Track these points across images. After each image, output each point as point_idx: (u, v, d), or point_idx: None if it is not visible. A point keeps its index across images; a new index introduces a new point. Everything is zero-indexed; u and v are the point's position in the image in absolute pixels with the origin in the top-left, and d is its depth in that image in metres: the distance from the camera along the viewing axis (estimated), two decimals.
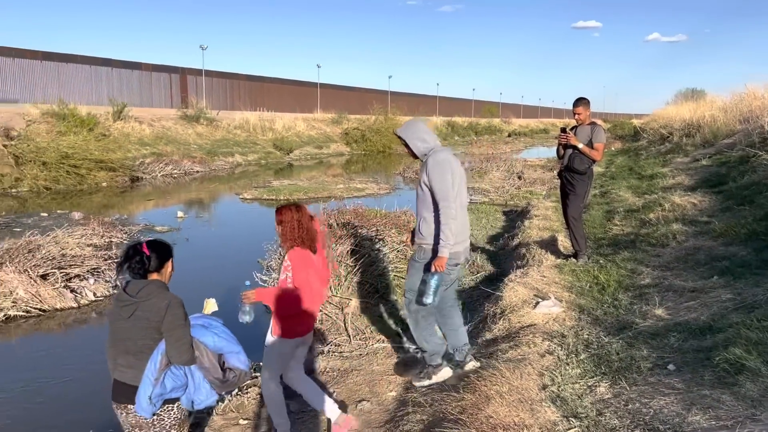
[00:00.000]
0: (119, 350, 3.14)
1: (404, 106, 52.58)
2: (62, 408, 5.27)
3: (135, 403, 3.07)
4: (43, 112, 23.32)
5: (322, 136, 40.85)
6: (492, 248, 9.86)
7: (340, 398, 4.99)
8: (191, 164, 25.59)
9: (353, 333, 6.34)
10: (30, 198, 17.33)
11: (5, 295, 7.40)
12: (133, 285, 3.19)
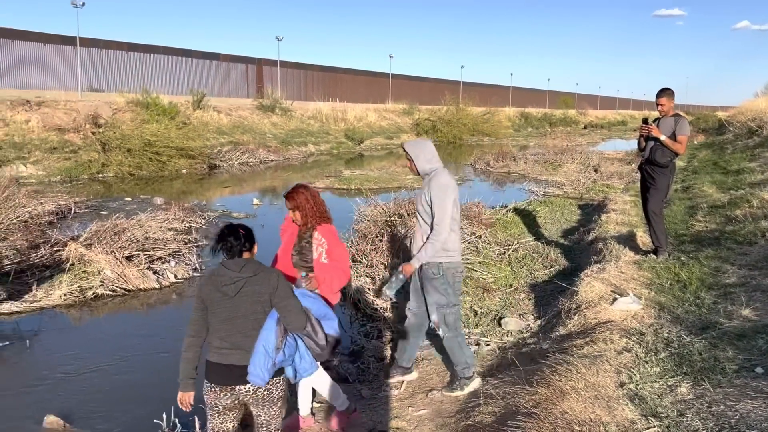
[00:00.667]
0: (228, 331, 3.19)
1: (476, 97, 51.96)
2: (145, 383, 5.53)
3: (246, 379, 3.17)
4: (128, 100, 24.37)
5: (393, 127, 40.95)
6: (566, 242, 9.65)
7: (410, 387, 5.02)
8: (266, 153, 26.18)
9: None
10: (115, 183, 18.18)
11: (94, 274, 7.81)
12: (232, 263, 3.24)
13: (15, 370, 5.74)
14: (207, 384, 3.27)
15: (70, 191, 14.97)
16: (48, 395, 5.20)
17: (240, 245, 3.27)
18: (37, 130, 19.97)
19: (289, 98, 38.09)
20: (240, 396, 3.25)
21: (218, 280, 3.21)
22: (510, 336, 5.94)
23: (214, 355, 3.22)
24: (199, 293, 3.27)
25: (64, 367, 5.76)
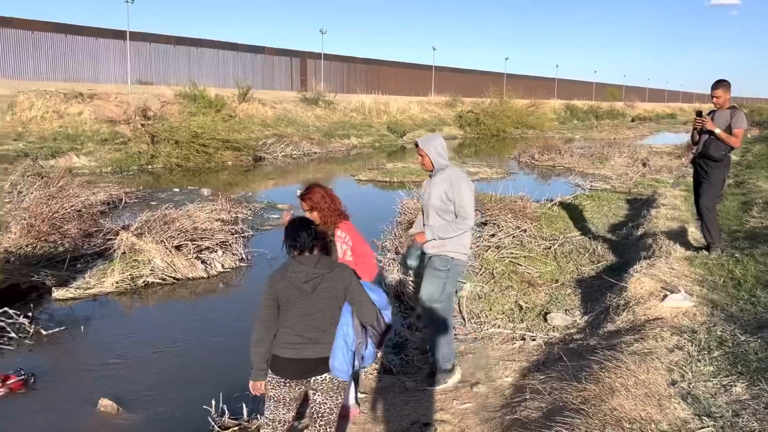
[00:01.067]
0: (304, 326, 3.22)
1: (521, 89, 51.29)
2: (194, 369, 5.65)
3: (319, 370, 3.24)
4: (176, 93, 24.84)
5: (436, 119, 40.76)
6: (614, 237, 9.47)
7: (455, 380, 5.00)
8: (310, 145, 26.39)
9: (468, 316, 6.32)
10: (163, 174, 18.58)
11: (144, 263, 8.01)
12: (307, 259, 3.25)
13: (70, 355, 5.93)
14: (275, 378, 3.29)
15: (121, 182, 15.38)
16: (101, 379, 5.37)
17: (312, 240, 3.30)
18: (89, 122, 20.54)
19: (332, 91, 38.23)
20: (311, 386, 3.31)
21: (294, 277, 3.21)
22: (556, 331, 5.87)
23: (288, 350, 3.23)
24: (270, 290, 3.24)
25: (116, 353, 5.93)
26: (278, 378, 3.29)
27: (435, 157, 4.68)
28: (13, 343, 6.02)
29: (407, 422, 4.37)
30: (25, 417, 4.71)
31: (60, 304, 7.18)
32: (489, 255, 7.83)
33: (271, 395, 3.33)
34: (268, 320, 3.25)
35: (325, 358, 3.25)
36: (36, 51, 30.43)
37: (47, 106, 20.37)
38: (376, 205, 14.11)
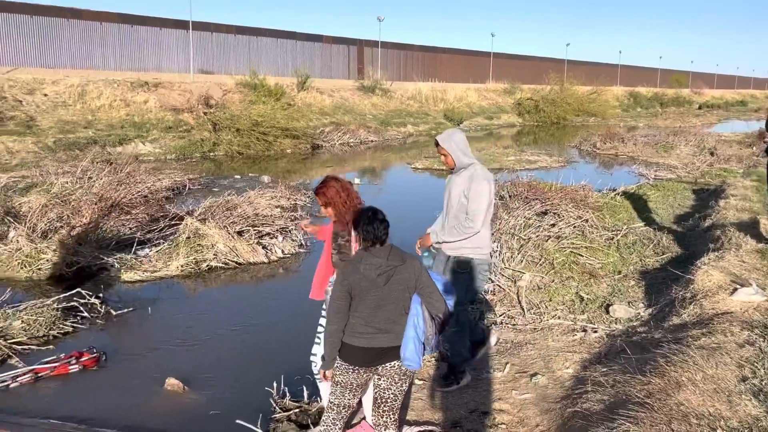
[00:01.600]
0: (375, 317, 3.27)
1: (582, 75, 50.03)
2: (255, 351, 5.79)
3: (388, 358, 3.31)
4: (237, 82, 25.31)
5: (494, 107, 40.25)
6: (680, 228, 9.17)
7: (513, 370, 4.97)
8: (366, 134, 26.49)
9: (527, 307, 6.25)
10: (225, 161, 19.00)
11: (208, 247, 8.24)
12: (379, 251, 3.29)
13: (138, 335, 6.17)
14: (344, 365, 3.35)
15: (184, 168, 15.81)
16: (168, 359, 5.56)
17: (385, 231, 3.31)
18: (154, 111, 21.17)
19: (389, 79, 38.25)
20: (377, 372, 3.37)
21: (367, 269, 3.24)
22: (618, 324, 5.74)
23: (359, 339, 3.28)
24: (343, 281, 3.27)
25: (181, 334, 6.13)
26: (346, 365, 3.35)
27: (457, 155, 4.47)
28: (86, 322, 6.30)
29: (465, 410, 4.37)
30: (98, 393, 4.94)
31: (128, 286, 7.46)
32: (549, 245, 7.71)
33: (338, 381, 3.39)
34: (342, 311, 3.28)
35: (395, 347, 3.30)
36: (103, 41, 31.47)
37: (115, 94, 21.10)
38: (431, 193, 14.07)
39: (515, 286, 6.75)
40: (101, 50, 31.58)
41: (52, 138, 17.25)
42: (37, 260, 7.60)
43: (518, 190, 10.21)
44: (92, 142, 17.39)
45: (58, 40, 28.77)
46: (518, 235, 8.00)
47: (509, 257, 7.41)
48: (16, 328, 5.86)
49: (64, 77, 21.48)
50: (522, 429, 4.11)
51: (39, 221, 8.33)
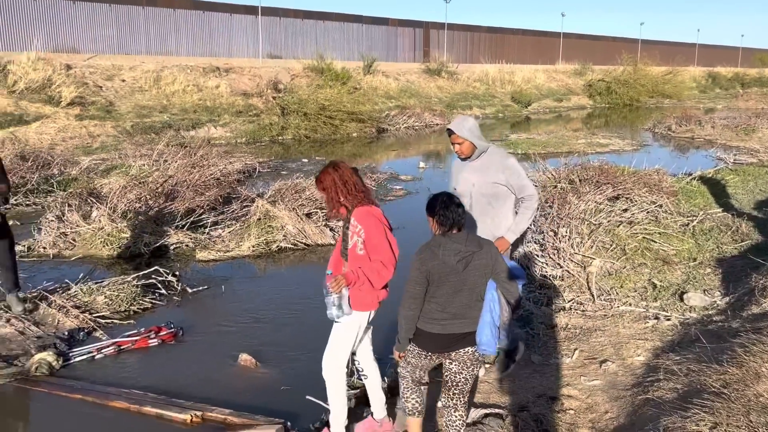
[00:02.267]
0: (452, 303, 3.27)
1: (657, 56, 48.02)
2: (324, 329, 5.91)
3: (462, 344, 3.31)
4: (305, 66, 25.62)
5: (563, 89, 39.26)
6: (761, 215, 8.76)
7: (582, 356, 4.91)
8: (431, 117, 26.35)
9: (597, 293, 6.14)
10: (292, 145, 19.33)
11: (278, 229, 8.45)
12: (458, 237, 3.26)
13: (212, 312, 6.41)
14: (418, 350, 3.40)
15: (254, 152, 16.19)
16: (240, 335, 5.76)
17: (462, 216, 3.30)
18: (225, 95, 21.71)
19: (455, 61, 37.86)
20: (449, 357, 3.38)
21: (446, 255, 3.21)
22: (693, 312, 5.57)
23: (434, 325, 3.28)
24: (420, 268, 3.23)
25: (253, 311, 6.33)
26: (419, 350, 3.39)
27: (475, 140, 4.29)
28: (163, 298, 6.58)
29: (533, 395, 4.36)
30: (175, 366, 5.17)
31: (202, 265, 7.74)
32: (621, 230, 7.51)
33: (409, 361, 3.46)
34: (419, 297, 3.26)
35: (469, 333, 3.31)
36: (177, 28, 32.38)
37: (188, 80, 21.74)
38: None
39: (584, 271, 6.63)
40: (175, 37, 32.51)
41: (130, 122, 17.96)
42: (118, 239, 7.98)
43: (589, 174, 9.96)
44: (167, 126, 18.01)
45: (134, 28, 29.79)
46: (588, 220, 7.82)
47: (579, 242, 7.27)
48: (100, 302, 6.20)
49: (140, 63, 22.28)
50: (590, 415, 4.06)
51: (119, 202, 8.73)
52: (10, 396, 4.67)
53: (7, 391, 4.72)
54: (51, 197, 9.72)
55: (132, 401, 4.49)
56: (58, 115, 16.73)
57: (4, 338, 5.48)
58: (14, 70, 17.34)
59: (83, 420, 4.36)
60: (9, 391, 4.71)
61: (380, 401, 4.02)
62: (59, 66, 18.84)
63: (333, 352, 3.78)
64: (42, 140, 14.85)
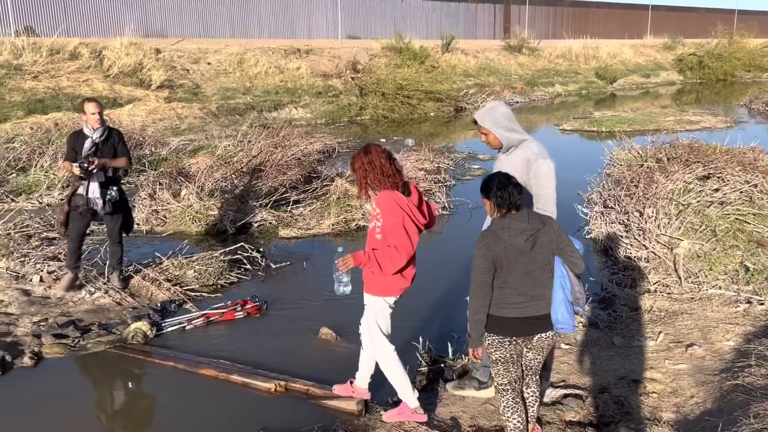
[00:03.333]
0: (526, 284, 3.19)
1: (755, 27, 45.08)
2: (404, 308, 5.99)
3: (542, 327, 3.26)
4: (383, 46, 25.63)
5: (651, 64, 37.55)
6: None
7: (667, 339, 4.76)
8: (511, 95, 25.86)
9: (684, 275, 5.92)
10: (370, 125, 19.45)
11: (356, 208, 8.58)
12: (519, 216, 3.19)
13: (294, 287, 6.60)
14: (499, 338, 3.28)
15: (333, 132, 16.43)
16: (321, 310, 5.92)
17: (520, 195, 3.22)
18: (305, 77, 22.04)
19: (536, 37, 36.84)
20: (530, 344, 3.32)
21: (513, 236, 3.14)
22: None
23: (510, 309, 3.20)
24: (486, 254, 3.16)
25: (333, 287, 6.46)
26: (500, 338, 3.27)
27: (501, 132, 3.80)
28: (248, 273, 6.84)
29: (614, 377, 4.28)
30: (260, 338, 5.39)
31: (285, 242, 7.97)
32: (711, 211, 7.19)
33: (496, 358, 3.32)
34: (486, 285, 3.19)
35: (545, 315, 3.24)
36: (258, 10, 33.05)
37: (270, 62, 22.19)
38: (581, 155, 13.55)
39: (671, 253, 6.40)
40: (257, 19, 33.22)
41: (215, 104, 18.57)
42: (205, 216, 8.32)
43: (677, 153, 9.57)
44: (250, 108, 18.51)
45: (218, 11, 30.64)
46: (676, 200, 7.53)
47: (666, 223, 7.02)
48: (190, 276, 6.51)
49: (224, 46, 22.92)
50: (675, 399, 3.96)
51: (206, 181, 9.09)
52: (109, 361, 5.00)
53: (106, 356, 5.06)
54: (143, 176, 10.22)
55: (220, 370, 4.72)
56: (148, 97, 17.49)
57: (103, 308, 5.87)
58: (108, 56, 18.21)
59: (175, 386, 4.63)
60: (108, 357, 5.05)
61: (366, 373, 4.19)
62: (149, 50, 19.64)
63: (373, 337, 3.98)
64: (134, 122, 15.58)
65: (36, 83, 15.88)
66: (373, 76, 21.58)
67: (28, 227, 7.84)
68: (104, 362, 4.99)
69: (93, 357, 5.05)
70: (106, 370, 4.91)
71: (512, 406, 3.36)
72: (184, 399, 4.46)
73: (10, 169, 10.46)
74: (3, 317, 5.57)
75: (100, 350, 5.12)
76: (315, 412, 4.21)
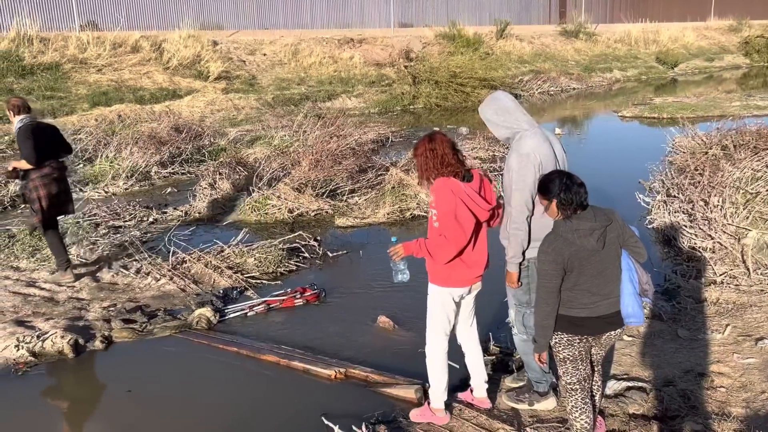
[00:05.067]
0: (598, 285, 3.11)
1: None
2: None
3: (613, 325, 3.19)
4: (436, 34, 25.46)
5: (715, 47, 36.15)
6: None
7: (735, 333, 4.62)
8: (568, 81, 25.32)
9: (753, 267, 5.72)
10: (423, 114, 19.38)
11: (411, 197, 8.59)
12: (586, 215, 3.08)
13: (352, 275, 6.67)
14: (569, 336, 3.18)
15: (387, 122, 16.44)
16: (379, 298, 5.97)
17: (586, 193, 3.10)
18: (359, 66, 22.13)
19: (593, 22, 35.93)
20: (599, 342, 3.26)
21: (583, 238, 3.04)
22: None
23: (582, 310, 3.12)
24: (556, 259, 3.06)
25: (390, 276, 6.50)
26: (569, 336, 3.18)
27: (493, 128, 3.68)
28: (306, 262, 6.95)
29: (679, 370, 4.19)
30: (320, 324, 5.47)
31: (341, 231, 8.05)
32: None
33: (565, 356, 3.23)
34: (555, 291, 3.11)
35: (615, 313, 3.16)
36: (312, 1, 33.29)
37: (324, 52, 22.36)
38: (642, 143, 13.22)
39: (739, 243, 6.18)
40: (310, 9, 33.44)
41: (271, 95, 18.83)
42: (264, 206, 8.48)
43: (745, 140, 9.21)
44: (305, 98, 18.69)
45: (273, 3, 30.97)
46: (744, 188, 7.26)
47: (733, 213, 6.77)
48: (250, 264, 6.66)
49: (279, 37, 23.21)
50: (744, 394, 3.84)
51: (265, 172, 9.25)
52: (175, 346, 5.18)
53: (171, 341, 5.24)
54: (203, 166, 10.47)
55: (281, 356, 4.83)
56: (206, 89, 17.88)
57: (168, 294, 6.07)
58: (168, 48, 18.68)
59: (238, 371, 4.76)
60: (173, 342, 5.23)
61: (479, 378, 3.99)
62: (206, 42, 20.04)
63: (427, 327, 3.89)
64: (193, 113, 15.96)
65: (100, 76, 16.44)
66: (426, 64, 21.45)
67: (95, 216, 8.14)
68: (170, 347, 5.16)
69: (159, 341, 5.23)
70: (171, 355, 5.08)
71: (581, 406, 3.27)
72: (247, 384, 4.58)
73: (77, 160, 10.87)
74: (75, 302, 5.83)
75: (166, 335, 5.30)
76: (374, 399, 4.26)
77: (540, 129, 3.67)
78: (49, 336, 5.06)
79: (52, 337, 5.05)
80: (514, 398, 4.00)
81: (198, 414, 4.24)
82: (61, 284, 6.16)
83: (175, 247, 6.97)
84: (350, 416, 4.04)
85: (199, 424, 4.10)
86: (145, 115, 14.93)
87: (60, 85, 15.47)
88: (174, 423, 4.15)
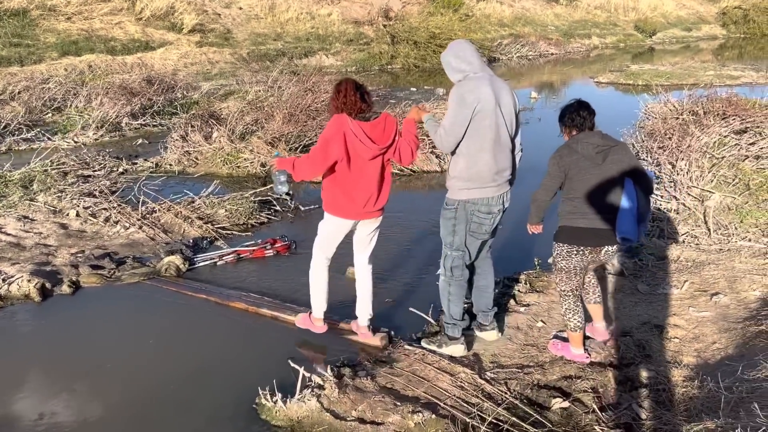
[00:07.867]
0: (596, 197, 3.48)
1: None
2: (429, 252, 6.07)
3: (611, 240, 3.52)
4: None
5: (693, 17, 36.28)
6: None
7: (692, 288, 4.77)
8: (546, 46, 25.32)
9: (714, 227, 5.87)
10: (401, 74, 19.27)
11: None
12: (593, 134, 3.55)
13: None
14: (568, 247, 3.63)
15: (364, 81, 16.23)
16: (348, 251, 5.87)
17: (592, 118, 3.56)
18: (337, 23, 21.82)
19: None
20: (598, 257, 3.64)
21: (585, 147, 3.48)
22: None
23: (583, 220, 3.53)
24: (559, 163, 3.55)
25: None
26: (569, 247, 3.60)
27: (449, 71, 3.76)
28: (278, 215, 6.96)
29: (637, 322, 4.32)
30: (288, 275, 5.52)
31: (314, 186, 8.04)
32: (746, 165, 7.07)
33: (562, 267, 3.68)
34: (553, 189, 3.63)
35: (614, 229, 3.47)
36: None
37: (301, 7, 21.98)
38: (616, 109, 13.31)
39: (702, 205, 6.33)
40: None
41: (246, 50, 18.52)
42: (236, 159, 8.43)
43: (715, 106, 9.35)
44: (281, 54, 18.44)
45: None
46: (711, 153, 7.41)
47: (698, 176, 6.92)
48: (221, 215, 6.65)
49: None
50: (696, 345, 3.99)
51: (237, 124, 9.16)
52: (144, 292, 5.19)
53: (140, 287, 5.25)
54: (175, 118, 10.34)
55: (250, 303, 4.87)
56: (180, 41, 17.52)
57: (137, 242, 6.05)
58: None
59: (206, 316, 4.79)
60: (142, 288, 5.24)
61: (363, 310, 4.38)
62: None
63: (314, 244, 4.38)
64: (166, 65, 15.66)
65: (70, 24, 15.99)
66: (406, 23, 21.26)
67: (64, 164, 8.03)
68: (138, 292, 5.18)
69: (127, 287, 5.24)
70: (140, 300, 5.09)
71: (573, 308, 3.77)
72: (216, 329, 4.62)
73: (45, 108, 10.65)
74: (42, 248, 5.79)
75: (134, 281, 5.31)
76: (341, 344, 4.34)
77: (488, 74, 3.70)
78: (15, 279, 5.04)
79: (18, 280, 5.02)
80: (427, 341, 4.21)
81: (166, 357, 4.28)
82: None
83: (145, 197, 6.92)
84: (316, 360, 4.13)
85: (166, 368, 4.14)
86: (116, 66, 14.62)
87: (27, 32, 15.04)
88: (142, 366, 4.18)
